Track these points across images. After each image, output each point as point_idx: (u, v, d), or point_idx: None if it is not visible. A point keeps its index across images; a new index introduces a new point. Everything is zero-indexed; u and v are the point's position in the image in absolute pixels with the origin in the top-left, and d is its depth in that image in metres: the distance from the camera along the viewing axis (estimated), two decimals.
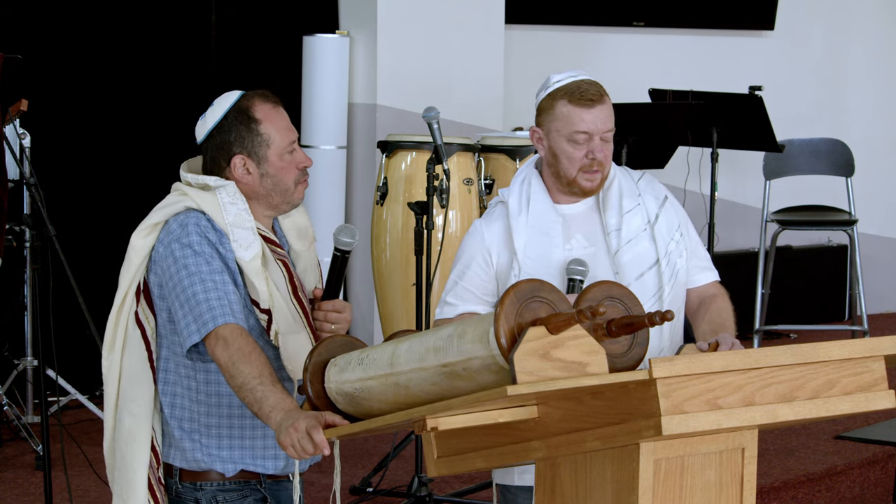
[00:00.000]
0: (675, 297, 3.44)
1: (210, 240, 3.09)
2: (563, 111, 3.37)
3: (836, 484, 5.47)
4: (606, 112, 3.38)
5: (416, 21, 7.06)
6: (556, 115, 3.39)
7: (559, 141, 3.39)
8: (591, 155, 3.37)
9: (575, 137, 3.36)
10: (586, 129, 3.36)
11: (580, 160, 3.38)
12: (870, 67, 8.86)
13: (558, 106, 3.38)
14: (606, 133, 3.38)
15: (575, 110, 3.36)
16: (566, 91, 3.38)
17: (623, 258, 3.40)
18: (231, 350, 2.95)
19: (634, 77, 7.65)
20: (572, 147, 3.38)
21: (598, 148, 3.37)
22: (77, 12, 6.48)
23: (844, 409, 2.64)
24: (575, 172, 3.39)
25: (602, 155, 3.37)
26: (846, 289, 8.44)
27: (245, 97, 3.19)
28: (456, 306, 3.44)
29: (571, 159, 3.39)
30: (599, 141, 3.36)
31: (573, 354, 2.57)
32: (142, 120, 6.62)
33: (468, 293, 3.44)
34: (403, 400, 2.77)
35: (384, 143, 6.01)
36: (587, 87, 3.37)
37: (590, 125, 3.36)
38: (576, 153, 3.38)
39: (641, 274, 3.39)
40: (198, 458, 3.15)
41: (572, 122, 3.36)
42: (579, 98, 3.36)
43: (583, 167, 3.38)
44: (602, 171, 3.40)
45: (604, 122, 3.36)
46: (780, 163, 7.63)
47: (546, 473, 2.74)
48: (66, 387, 5.85)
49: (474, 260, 3.45)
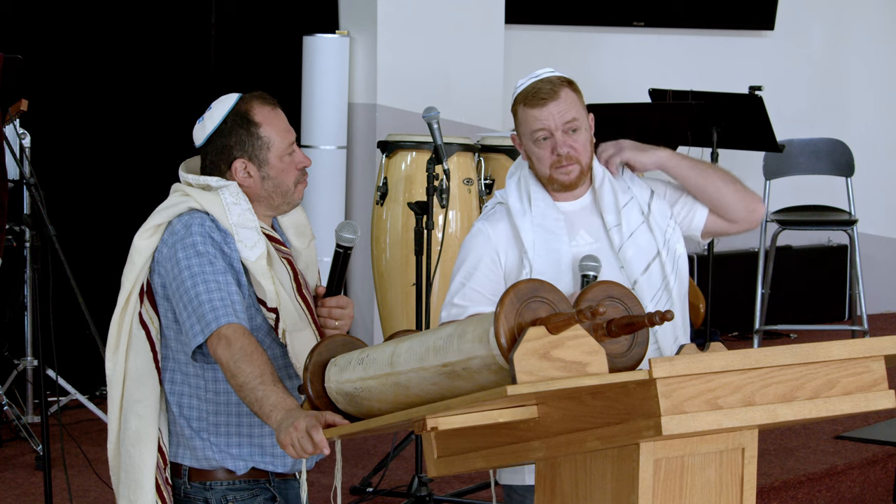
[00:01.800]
0: (681, 284, 3.49)
1: (214, 240, 3.09)
2: (522, 115, 3.45)
3: (836, 484, 5.47)
4: (563, 104, 3.40)
5: (416, 21, 7.06)
6: (519, 120, 3.47)
7: (528, 144, 3.47)
8: (555, 151, 3.42)
9: (536, 137, 3.43)
10: (542, 127, 3.41)
11: (548, 158, 3.43)
12: (870, 67, 8.85)
13: (519, 111, 3.46)
14: (567, 124, 3.41)
15: (530, 112, 3.42)
16: (523, 95, 3.45)
17: (627, 253, 3.44)
18: (233, 349, 2.95)
19: (634, 77, 7.64)
20: (538, 147, 3.44)
21: (561, 142, 3.41)
22: (77, 12, 6.48)
23: (844, 409, 2.64)
24: (548, 170, 3.45)
25: (567, 149, 3.41)
26: (846, 289, 8.44)
27: (243, 100, 3.19)
28: (466, 308, 3.43)
29: (540, 159, 3.45)
30: (562, 135, 3.41)
31: (573, 354, 2.57)
32: (142, 120, 6.62)
33: (477, 294, 3.44)
34: (403, 400, 2.77)
35: (384, 143, 6.01)
36: (541, 86, 3.43)
37: (545, 122, 3.40)
38: (542, 152, 3.44)
39: (647, 266, 3.43)
40: (208, 456, 3.15)
41: (529, 124, 3.43)
42: (532, 99, 3.42)
43: (553, 164, 3.44)
44: (577, 162, 3.43)
45: (560, 115, 3.40)
46: (780, 163, 7.63)
47: (546, 473, 2.74)
48: (66, 387, 5.85)
49: (482, 261, 3.46)
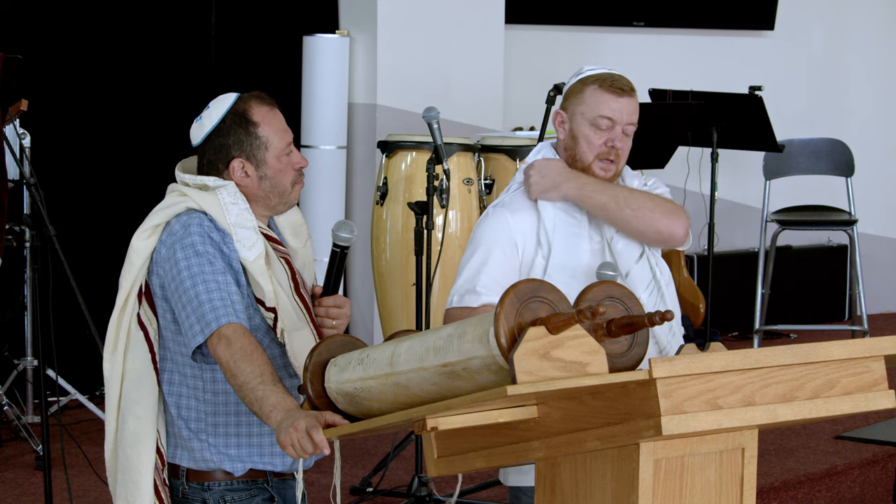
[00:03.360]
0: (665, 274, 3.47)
1: (213, 239, 3.08)
2: (592, 95, 3.40)
3: (836, 484, 5.47)
4: (634, 105, 3.42)
5: (416, 21, 7.06)
6: (584, 98, 3.41)
7: (582, 124, 3.41)
8: (610, 143, 3.40)
9: (598, 122, 3.39)
10: (611, 116, 3.39)
11: (599, 146, 3.41)
12: (870, 67, 8.85)
13: (588, 90, 3.41)
14: (629, 126, 3.41)
15: (604, 95, 3.39)
16: (598, 78, 3.42)
17: (617, 246, 3.44)
18: (233, 349, 2.95)
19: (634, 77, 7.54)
20: (594, 132, 3.40)
21: (619, 137, 3.40)
22: (77, 12, 6.48)
23: (844, 409, 2.64)
24: (591, 158, 3.41)
25: (620, 145, 3.40)
26: (846, 289, 8.44)
27: (241, 100, 3.18)
28: (480, 295, 3.37)
29: (591, 144, 3.41)
30: (621, 132, 3.40)
31: (573, 354, 2.57)
32: (142, 120, 6.62)
33: (492, 282, 3.37)
34: (403, 400, 2.77)
35: (384, 143, 6.01)
36: (620, 78, 3.44)
37: (615, 112, 3.39)
38: (596, 138, 3.40)
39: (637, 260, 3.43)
40: (206, 457, 3.15)
41: (599, 107, 3.39)
42: (610, 85, 3.40)
43: (600, 154, 3.41)
44: (617, 163, 3.42)
45: (630, 113, 3.40)
46: (780, 163, 7.63)
47: (546, 473, 2.74)
48: (66, 387, 5.85)
49: (498, 245, 3.41)
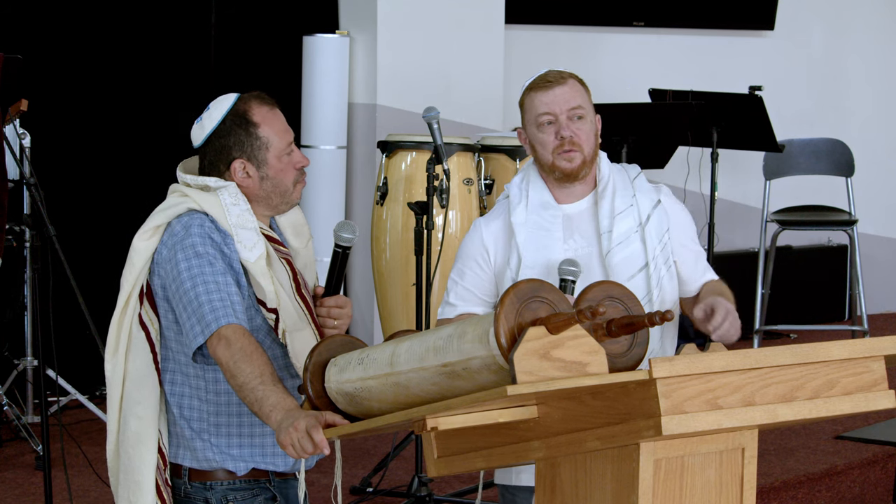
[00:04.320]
0: (663, 303, 3.43)
1: (214, 240, 3.08)
2: (528, 101, 3.46)
3: (836, 484, 5.47)
4: (569, 91, 3.42)
5: (416, 21, 7.06)
6: (525, 107, 3.48)
7: (532, 131, 3.46)
8: (558, 135, 3.41)
9: (541, 121, 3.43)
10: (547, 110, 3.42)
11: (551, 143, 3.43)
12: (870, 67, 8.85)
13: (526, 99, 3.47)
14: (572, 111, 3.41)
15: (535, 95, 3.44)
16: (531, 84, 3.47)
17: (613, 260, 3.40)
18: (233, 350, 2.95)
19: (634, 77, 7.65)
20: (541, 132, 3.44)
21: (565, 126, 3.41)
22: (77, 12, 6.48)
23: (844, 409, 2.64)
24: (551, 157, 3.44)
25: (569, 132, 3.41)
26: (846, 289, 8.44)
27: (241, 100, 3.18)
28: (456, 307, 3.48)
29: (544, 144, 3.44)
30: (566, 119, 3.41)
31: (573, 354, 2.57)
32: (142, 120, 6.62)
33: (468, 293, 3.48)
34: (403, 400, 2.77)
35: (384, 143, 6.01)
36: (548, 73, 3.46)
37: (550, 106, 3.41)
38: (545, 137, 3.43)
39: (632, 276, 3.39)
40: (209, 457, 3.15)
41: (535, 108, 3.44)
42: (538, 84, 3.44)
43: (555, 149, 3.42)
44: (579, 150, 3.42)
45: (566, 100, 3.41)
46: (780, 163, 7.63)
47: (546, 473, 2.74)
48: (66, 387, 5.85)
49: (472, 259, 3.49)
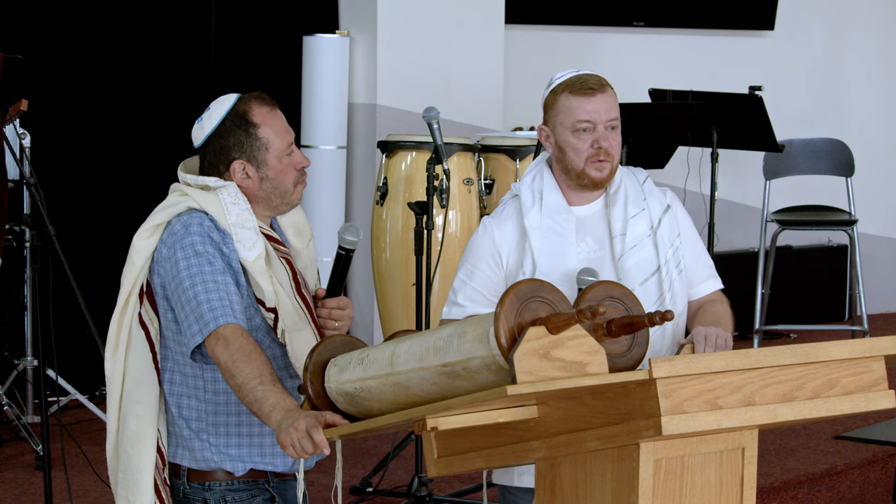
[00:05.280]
0: (674, 305, 3.41)
1: (213, 239, 3.08)
2: (565, 104, 3.37)
3: (836, 484, 5.47)
4: (609, 101, 3.37)
5: (416, 21, 7.06)
6: (559, 108, 3.38)
7: (564, 134, 3.38)
8: (596, 144, 3.36)
9: (578, 127, 3.36)
10: (589, 118, 3.35)
11: (586, 150, 3.36)
12: (870, 67, 8.86)
13: (560, 99, 3.38)
14: (610, 122, 3.36)
15: (576, 100, 3.35)
16: (567, 84, 3.38)
17: (627, 264, 3.37)
18: (231, 350, 2.95)
19: (634, 77, 7.64)
20: (577, 138, 3.36)
21: (603, 136, 3.35)
22: (77, 12, 6.48)
23: (844, 409, 2.64)
24: (583, 164, 3.37)
25: (608, 143, 3.36)
26: (846, 289, 8.44)
27: (242, 101, 3.18)
28: (465, 308, 3.41)
29: (577, 151, 3.37)
30: (604, 129, 3.35)
31: (573, 354, 2.57)
32: (142, 120, 6.62)
33: (477, 294, 3.41)
34: (403, 400, 2.77)
35: (384, 143, 6.01)
36: (587, 77, 3.38)
37: (592, 114, 3.35)
38: (581, 144, 3.37)
39: (645, 280, 3.36)
40: (207, 457, 3.15)
41: (574, 113, 3.35)
42: (580, 88, 3.36)
43: (590, 157, 3.36)
44: (610, 160, 3.38)
45: (606, 110, 3.35)
46: (780, 163, 7.63)
47: (546, 473, 2.74)
48: (66, 387, 5.85)
49: (483, 261, 3.43)
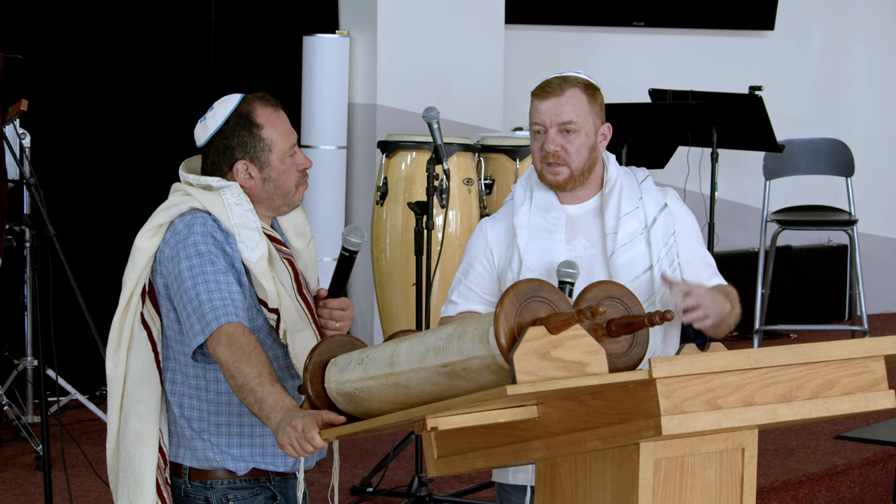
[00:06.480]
0: (666, 306, 3.39)
1: (216, 239, 3.08)
2: (530, 107, 3.39)
3: (836, 484, 5.47)
4: (563, 103, 3.32)
5: (416, 21, 7.07)
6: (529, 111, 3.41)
7: (531, 136, 3.40)
8: (542, 148, 3.35)
9: (533, 129, 3.37)
10: (538, 121, 3.35)
11: (538, 153, 3.37)
12: (870, 67, 8.86)
13: (530, 103, 3.40)
14: (563, 125, 3.32)
15: (534, 103, 3.37)
16: (534, 88, 3.39)
17: (618, 261, 3.36)
18: (232, 349, 2.95)
19: (634, 77, 7.65)
20: (533, 140, 3.38)
21: (550, 140, 3.32)
22: (77, 12, 6.48)
23: (844, 409, 2.64)
24: (539, 165, 3.38)
25: (553, 147, 3.32)
26: (846, 289, 8.44)
27: (245, 101, 3.18)
28: (458, 305, 3.46)
29: (533, 153, 3.40)
30: (555, 133, 3.32)
31: (573, 354, 2.57)
32: (142, 120, 6.62)
33: (471, 292, 3.46)
34: (403, 400, 2.77)
35: (384, 143, 6.01)
36: (552, 80, 3.36)
37: (542, 116, 3.34)
38: (535, 146, 3.38)
39: (636, 277, 3.35)
40: (209, 457, 3.15)
41: (531, 115, 3.38)
42: (539, 90, 3.37)
43: (542, 159, 3.36)
44: (565, 164, 3.34)
45: (556, 113, 3.32)
46: (780, 163, 7.63)
47: (546, 473, 2.74)
48: (66, 387, 5.85)
49: (477, 259, 3.47)
